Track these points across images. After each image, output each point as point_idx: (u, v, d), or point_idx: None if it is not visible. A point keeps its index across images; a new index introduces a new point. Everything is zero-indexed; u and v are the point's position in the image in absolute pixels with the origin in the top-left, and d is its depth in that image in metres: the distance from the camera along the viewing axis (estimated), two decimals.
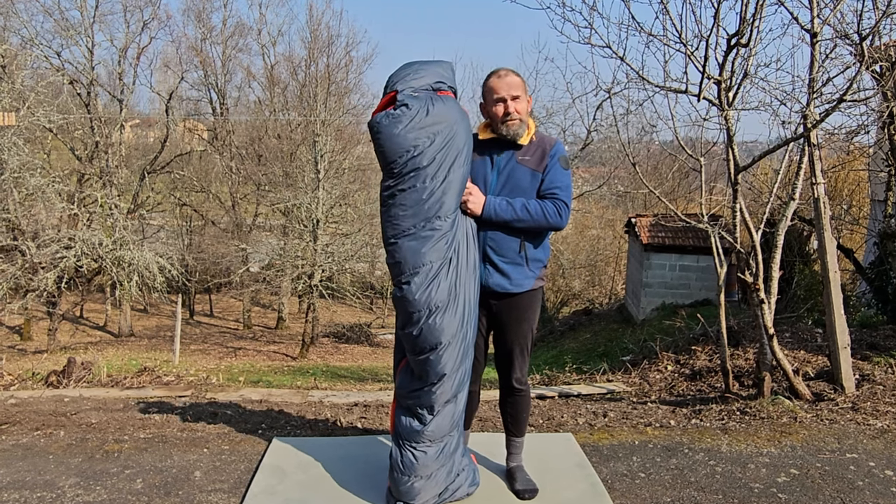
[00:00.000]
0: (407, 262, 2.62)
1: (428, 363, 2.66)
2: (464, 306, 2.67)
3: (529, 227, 2.77)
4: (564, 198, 2.78)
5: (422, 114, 2.58)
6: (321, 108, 19.76)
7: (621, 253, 26.03)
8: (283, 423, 4.20)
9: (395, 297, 2.70)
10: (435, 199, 2.60)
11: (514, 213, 2.74)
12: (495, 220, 2.75)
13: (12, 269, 15.32)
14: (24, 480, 3.08)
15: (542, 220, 2.75)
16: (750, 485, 3.10)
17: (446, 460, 2.75)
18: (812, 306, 9.64)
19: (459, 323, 2.66)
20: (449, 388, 2.70)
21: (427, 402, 2.70)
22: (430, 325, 2.62)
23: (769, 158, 6.65)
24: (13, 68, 16.24)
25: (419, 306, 2.62)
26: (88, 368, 5.86)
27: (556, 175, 2.79)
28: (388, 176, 2.65)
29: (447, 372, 2.66)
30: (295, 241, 20.01)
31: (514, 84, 2.77)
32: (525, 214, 2.74)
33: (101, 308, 25.84)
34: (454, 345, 2.65)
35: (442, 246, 2.62)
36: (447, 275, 2.63)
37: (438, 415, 2.71)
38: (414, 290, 2.61)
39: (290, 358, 18.63)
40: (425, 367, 2.67)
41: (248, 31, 27.54)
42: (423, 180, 2.58)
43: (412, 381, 2.74)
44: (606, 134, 18.17)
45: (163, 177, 26.33)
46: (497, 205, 2.75)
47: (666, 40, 4.45)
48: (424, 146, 2.57)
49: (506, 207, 2.74)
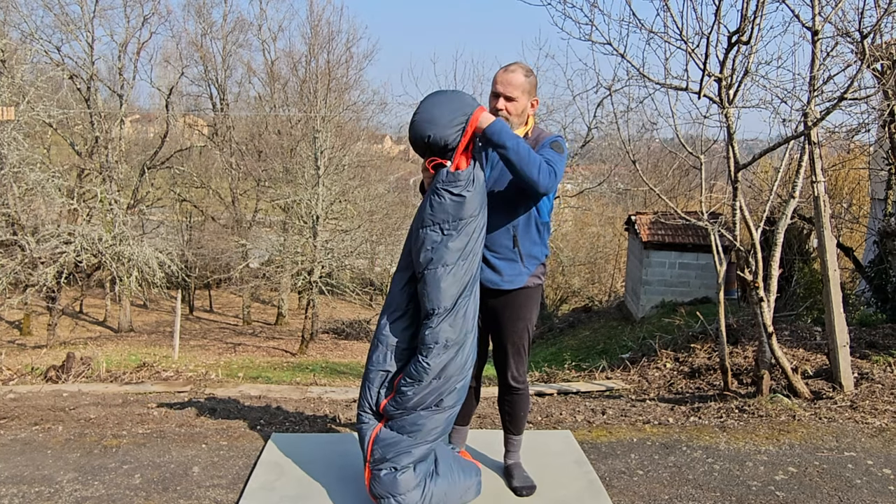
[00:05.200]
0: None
1: (426, 326, 2.67)
2: (394, 351, 2.71)
3: (517, 167, 2.59)
4: (553, 164, 2.65)
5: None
6: (321, 104, 19.73)
7: (621, 250, 26.04)
8: (281, 418, 4.20)
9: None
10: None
11: (517, 144, 2.59)
12: (496, 140, 2.59)
13: (12, 263, 15.31)
14: (22, 475, 3.08)
15: (534, 167, 2.59)
16: (748, 483, 3.11)
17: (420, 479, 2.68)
18: (811, 304, 9.65)
19: (382, 358, 2.71)
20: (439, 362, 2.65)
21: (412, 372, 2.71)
22: (431, 279, 2.64)
23: (769, 156, 6.64)
24: (13, 63, 16.20)
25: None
26: (87, 363, 5.86)
27: (546, 153, 2.69)
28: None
29: (439, 340, 2.63)
30: (295, 237, 20.01)
31: (514, 83, 2.74)
32: (525, 152, 2.59)
33: (100, 303, 25.84)
34: (450, 315, 2.63)
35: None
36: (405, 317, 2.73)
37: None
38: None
39: (289, 354, 18.64)
40: (422, 332, 2.70)
41: (249, 26, 27.47)
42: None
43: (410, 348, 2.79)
44: (607, 131, 18.15)
45: (163, 172, 26.29)
46: (504, 126, 2.61)
47: (667, 37, 4.45)
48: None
49: (511, 135, 2.61)
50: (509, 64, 2.80)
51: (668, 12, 4.34)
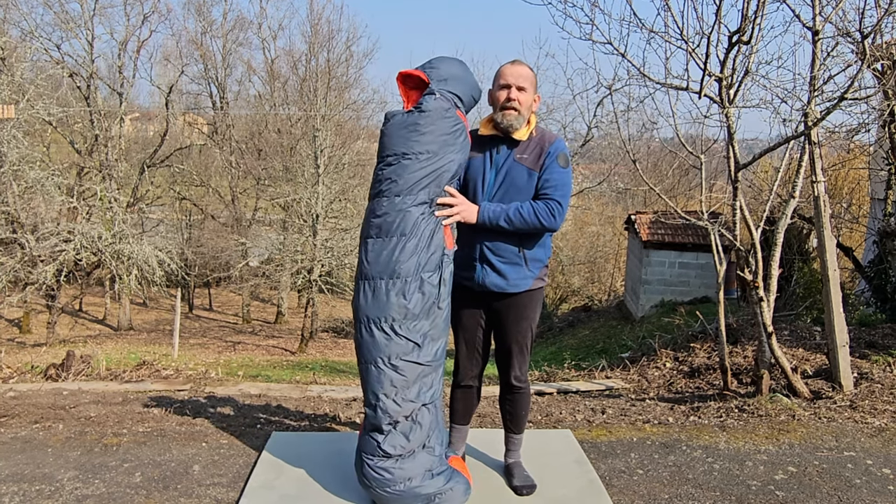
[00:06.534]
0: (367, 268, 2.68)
1: (365, 376, 2.66)
2: (411, 336, 2.63)
3: (524, 231, 2.74)
4: (559, 197, 2.73)
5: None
6: (321, 102, 19.71)
7: (621, 250, 26.03)
8: (281, 417, 4.20)
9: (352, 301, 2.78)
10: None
11: (508, 217, 2.71)
12: (490, 226, 2.73)
13: (11, 261, 15.29)
14: (22, 473, 3.08)
15: (535, 223, 2.72)
16: (747, 482, 3.11)
17: (407, 471, 2.65)
18: (811, 304, 9.65)
19: (404, 351, 2.62)
20: (391, 412, 2.62)
21: (373, 421, 2.67)
22: (365, 342, 2.65)
23: (769, 156, 6.64)
24: (13, 61, 16.17)
25: (358, 314, 2.67)
26: (87, 362, 5.86)
27: (552, 174, 2.74)
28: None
29: (379, 392, 2.62)
30: (294, 235, 20.00)
31: (523, 75, 2.76)
32: (518, 219, 2.71)
33: (100, 301, 25.83)
34: (392, 371, 2.61)
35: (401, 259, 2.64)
36: (397, 298, 2.61)
37: (391, 435, 2.65)
38: (360, 301, 2.66)
39: (289, 352, 18.64)
40: (364, 379, 2.68)
41: (249, 24, 27.47)
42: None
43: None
44: (607, 130, 18.13)
45: (162, 170, 26.26)
46: (491, 211, 2.72)
47: (667, 37, 4.45)
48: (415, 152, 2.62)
49: (499, 213, 2.72)
50: (513, 60, 2.82)
51: (669, 12, 4.34)
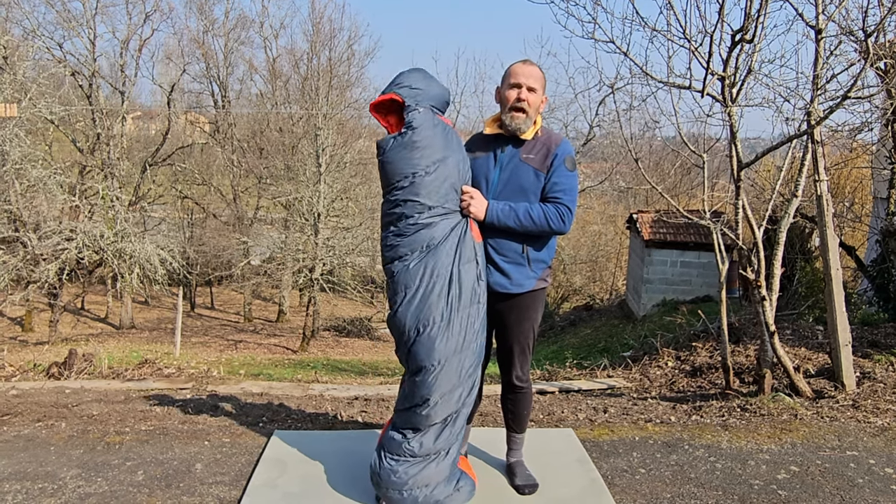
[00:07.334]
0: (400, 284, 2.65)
1: (414, 384, 2.65)
2: (460, 334, 2.62)
3: (532, 233, 2.74)
4: (568, 202, 2.73)
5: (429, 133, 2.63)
6: (323, 101, 19.72)
7: (622, 249, 26.02)
8: (283, 416, 4.21)
9: (388, 317, 2.73)
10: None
11: (517, 218, 2.70)
12: (498, 225, 2.72)
13: (14, 260, 15.32)
14: (25, 471, 3.09)
15: (545, 226, 2.72)
16: (750, 481, 3.11)
17: (426, 476, 2.65)
18: (813, 303, 9.64)
19: (453, 350, 2.61)
20: (437, 413, 2.63)
21: (412, 421, 2.66)
22: (416, 348, 2.62)
23: (772, 155, 6.62)
24: (15, 59, 16.17)
25: (406, 328, 2.63)
26: (90, 360, 5.87)
27: (560, 177, 2.74)
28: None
29: (431, 397, 2.61)
30: (296, 234, 20.01)
31: (535, 75, 2.77)
32: (528, 220, 2.70)
33: (102, 300, 25.87)
34: (444, 371, 2.61)
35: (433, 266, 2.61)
36: (439, 299, 2.60)
37: (423, 434, 2.65)
38: (402, 311, 2.63)
39: (290, 351, 18.66)
40: (412, 388, 2.66)
41: (251, 23, 27.47)
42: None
43: (404, 396, 2.73)
44: (609, 129, 18.10)
45: (164, 169, 26.28)
46: (500, 210, 2.71)
47: (670, 36, 4.43)
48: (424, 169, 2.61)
49: (508, 213, 2.71)
50: (524, 59, 2.82)
51: (672, 10, 4.33)
